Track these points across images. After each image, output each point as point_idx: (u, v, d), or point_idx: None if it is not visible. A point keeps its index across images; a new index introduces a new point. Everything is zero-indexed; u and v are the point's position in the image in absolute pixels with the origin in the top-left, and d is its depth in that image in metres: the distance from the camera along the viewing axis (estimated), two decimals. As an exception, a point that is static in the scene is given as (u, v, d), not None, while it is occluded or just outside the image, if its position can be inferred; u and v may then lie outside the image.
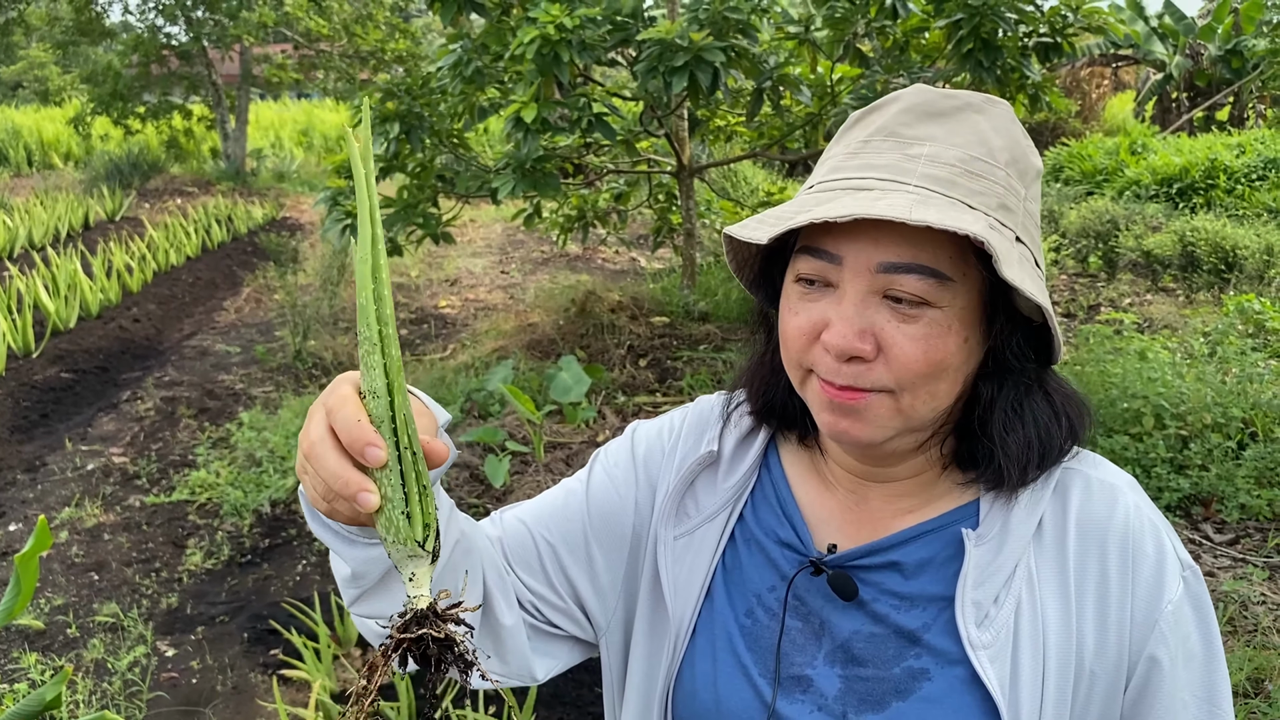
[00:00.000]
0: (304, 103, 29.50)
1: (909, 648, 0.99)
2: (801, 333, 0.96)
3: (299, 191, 17.39)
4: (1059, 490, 1.01)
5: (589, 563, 1.15)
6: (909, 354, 0.91)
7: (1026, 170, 0.98)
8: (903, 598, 1.01)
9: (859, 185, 0.93)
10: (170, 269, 10.88)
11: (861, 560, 1.03)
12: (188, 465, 5.58)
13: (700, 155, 9.33)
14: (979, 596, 0.97)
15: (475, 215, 13.84)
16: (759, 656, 1.05)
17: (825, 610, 1.04)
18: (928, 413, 0.96)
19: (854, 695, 1.00)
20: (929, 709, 0.96)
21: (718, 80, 4.93)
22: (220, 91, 18.37)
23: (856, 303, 0.92)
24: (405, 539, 0.79)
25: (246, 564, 4.53)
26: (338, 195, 5.97)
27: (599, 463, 1.21)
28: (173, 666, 3.73)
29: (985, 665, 0.94)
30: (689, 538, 1.11)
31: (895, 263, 0.91)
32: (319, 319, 8.22)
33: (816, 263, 0.95)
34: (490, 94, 6.15)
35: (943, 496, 1.05)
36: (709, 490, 1.13)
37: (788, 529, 1.08)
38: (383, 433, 0.79)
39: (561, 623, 1.16)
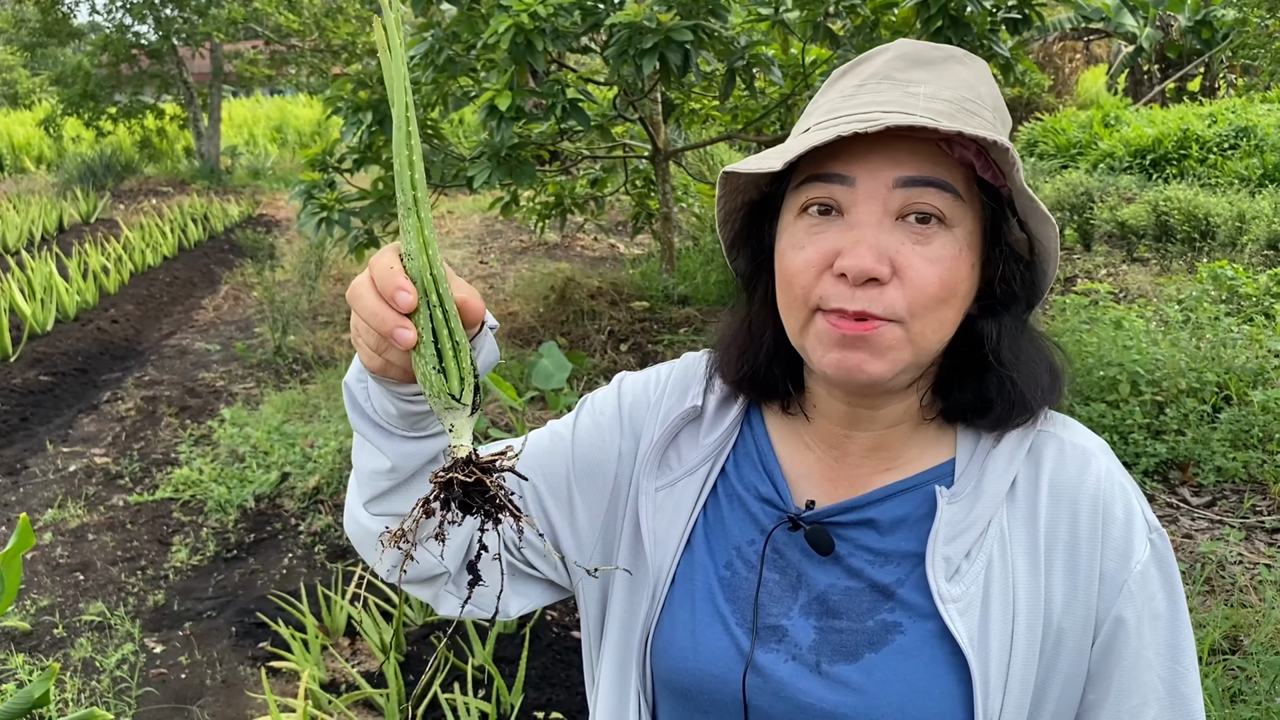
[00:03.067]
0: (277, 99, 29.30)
1: (883, 602, 1.01)
2: (810, 265, 0.96)
3: (275, 188, 17.30)
4: (1033, 452, 1.03)
5: (569, 506, 1.17)
6: (925, 276, 0.92)
7: (1006, 119, 1.02)
8: (878, 553, 1.03)
9: (865, 117, 0.93)
10: (147, 269, 10.82)
11: (838, 517, 1.05)
12: (170, 463, 5.57)
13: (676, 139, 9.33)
14: (950, 552, 0.98)
15: (453, 207, 13.81)
16: (736, 607, 1.07)
17: (802, 564, 1.06)
18: (935, 342, 0.97)
19: (828, 646, 1.02)
20: (900, 660, 0.98)
21: (689, 61, 4.93)
22: (192, 90, 18.24)
23: (873, 224, 0.93)
24: (439, 392, 0.85)
25: (232, 559, 4.53)
26: (312, 189, 5.95)
27: (585, 409, 1.22)
28: (161, 663, 3.74)
29: (955, 618, 0.96)
30: (670, 489, 1.13)
31: (915, 176, 0.92)
32: (298, 314, 8.20)
33: (827, 187, 0.95)
34: (463, 83, 6.13)
35: (920, 454, 1.07)
36: (691, 444, 1.15)
37: (768, 485, 1.10)
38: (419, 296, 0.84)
39: (538, 563, 1.18)
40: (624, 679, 1.14)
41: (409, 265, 0.84)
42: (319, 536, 4.66)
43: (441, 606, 1.15)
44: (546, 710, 3.20)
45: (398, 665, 3.33)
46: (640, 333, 7.41)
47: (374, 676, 3.51)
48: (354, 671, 3.36)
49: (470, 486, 0.84)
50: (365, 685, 3.22)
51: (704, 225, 9.53)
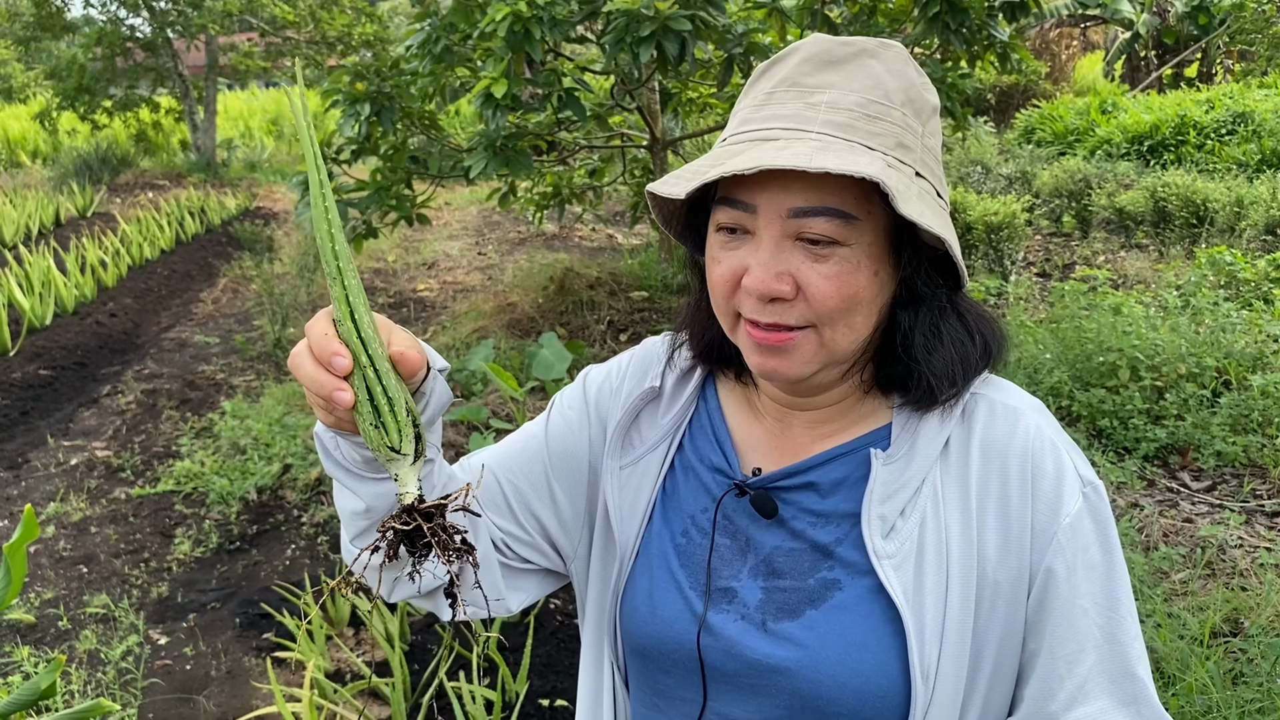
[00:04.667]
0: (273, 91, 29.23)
1: (823, 561, 1.07)
2: (725, 280, 1.03)
3: (271, 181, 17.26)
4: (966, 414, 1.08)
5: (552, 499, 1.24)
6: (824, 291, 0.98)
7: (922, 108, 1.03)
8: (818, 515, 1.09)
9: (765, 136, 1.00)
10: (145, 263, 10.81)
11: (782, 481, 1.11)
12: (172, 456, 5.57)
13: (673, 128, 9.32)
14: (885, 511, 1.04)
15: (450, 198, 13.79)
16: (691, 572, 1.14)
17: (750, 528, 1.12)
18: (848, 345, 1.03)
19: (773, 604, 1.08)
20: (839, 615, 1.04)
21: (685, 50, 4.93)
22: (187, 82, 18.19)
23: (772, 248, 0.99)
24: (380, 446, 0.91)
25: (235, 551, 4.54)
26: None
27: (555, 407, 1.30)
28: (166, 654, 3.75)
29: (889, 574, 1.02)
30: (634, 467, 1.20)
31: (804, 207, 0.97)
32: (297, 306, 8.20)
33: (733, 212, 1.01)
34: (460, 73, 6.12)
35: (860, 421, 1.12)
36: (651, 423, 1.22)
37: (719, 455, 1.17)
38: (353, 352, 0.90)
39: (531, 556, 1.25)
40: (599, 646, 1.22)
41: (340, 330, 0.90)
42: (321, 527, 4.66)
43: (444, 613, 1.20)
44: (551, 697, 3.22)
45: (403, 654, 3.34)
46: (639, 322, 7.41)
47: (379, 666, 3.52)
48: (359, 661, 3.37)
49: (410, 533, 0.90)
50: (370, 674, 3.23)
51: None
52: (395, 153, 6.27)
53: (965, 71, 5.65)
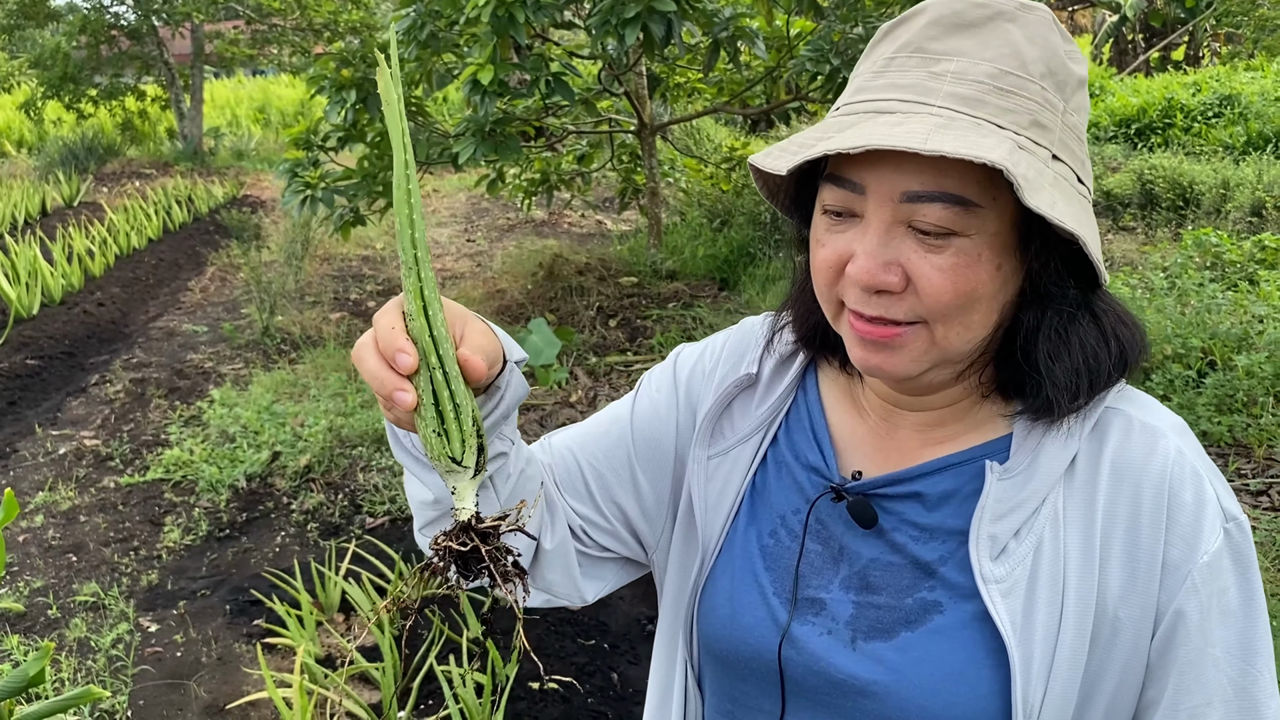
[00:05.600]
0: (259, 79, 29.08)
1: (924, 579, 0.98)
2: (828, 265, 0.94)
3: (259, 169, 17.20)
4: (1098, 429, 0.96)
5: (634, 486, 1.17)
6: (937, 285, 0.88)
7: (1066, 81, 0.91)
8: (922, 529, 1.00)
9: (881, 108, 0.90)
10: (132, 252, 10.76)
11: (884, 489, 1.02)
12: (161, 445, 5.56)
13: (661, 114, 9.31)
14: (997, 530, 0.94)
15: (439, 185, 13.76)
16: (776, 576, 1.05)
17: (845, 536, 1.03)
18: (962, 344, 0.93)
19: (865, 621, 0.99)
20: (936, 641, 0.95)
21: (672, 32, 4.92)
22: (173, 71, 18.09)
23: (881, 234, 0.89)
24: (439, 455, 0.85)
25: (225, 538, 4.54)
26: (296, 167, 5.93)
27: (643, 388, 1.22)
28: (156, 641, 3.75)
29: (996, 600, 0.92)
30: (722, 458, 1.12)
31: (918, 191, 0.87)
32: (285, 294, 8.18)
33: (840, 193, 0.92)
34: (446, 59, 6.10)
35: (977, 428, 1.02)
36: (744, 412, 1.13)
37: (816, 453, 1.08)
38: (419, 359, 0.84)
39: (610, 544, 1.19)
40: (673, 645, 1.15)
41: (410, 325, 0.84)
42: (311, 514, 4.67)
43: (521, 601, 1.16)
44: (542, 681, 3.23)
45: (393, 639, 3.35)
46: (629, 308, 7.42)
47: (369, 651, 3.53)
48: (349, 646, 3.38)
49: (467, 555, 0.84)
50: (361, 659, 3.24)
51: (691, 200, 9.52)
52: (382, 139, 6.26)
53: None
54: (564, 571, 1.14)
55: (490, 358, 0.90)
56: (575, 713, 3.12)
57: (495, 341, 0.92)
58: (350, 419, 5.46)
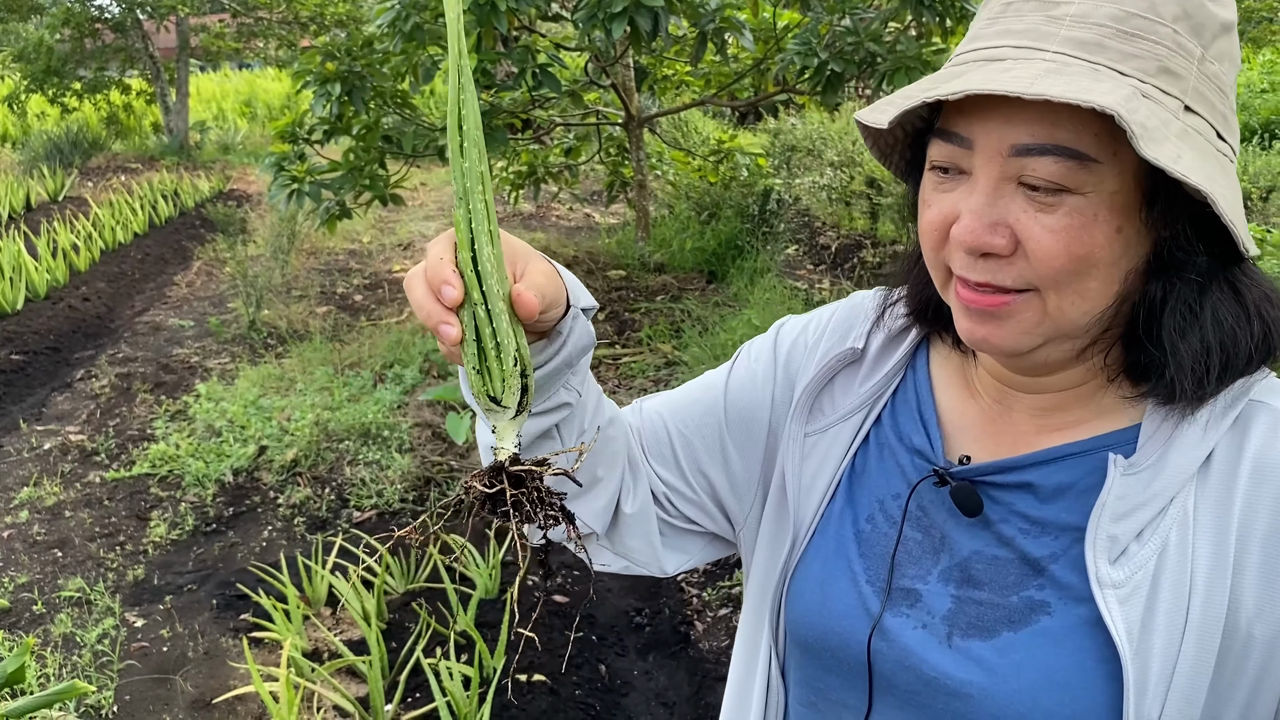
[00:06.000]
0: (245, 73, 28.93)
1: (1032, 577, 0.90)
2: (933, 227, 0.88)
3: (245, 163, 17.11)
4: (1239, 424, 0.87)
5: (723, 458, 1.12)
6: (1048, 248, 0.81)
7: (1204, 24, 0.82)
8: (1033, 522, 0.92)
9: (991, 55, 0.83)
10: (118, 247, 10.69)
11: (992, 476, 0.94)
12: (147, 439, 5.54)
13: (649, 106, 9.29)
14: (1117, 531, 0.85)
15: (426, 179, 13.72)
16: (870, 563, 0.99)
17: (948, 525, 0.96)
18: (1079, 316, 0.85)
19: (964, 618, 0.92)
20: (1041, 645, 0.87)
21: (659, 25, 4.91)
22: (158, 64, 17.98)
23: (988, 192, 0.83)
24: (478, 393, 0.83)
25: (212, 533, 4.53)
26: (282, 161, 5.90)
27: (741, 358, 1.16)
28: (142, 636, 3.74)
29: (1112, 606, 0.84)
30: (820, 436, 1.06)
31: (1028, 144, 0.80)
32: (271, 288, 8.15)
33: (947, 148, 0.86)
34: (432, 51, 6.08)
35: (1101, 416, 0.93)
36: (847, 389, 1.07)
37: (921, 435, 1.01)
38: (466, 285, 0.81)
39: (696, 517, 1.14)
40: (757, 629, 1.10)
41: (459, 257, 0.82)
42: (298, 509, 4.65)
43: (599, 565, 1.13)
44: (529, 674, 3.23)
45: (380, 632, 3.35)
46: (617, 301, 7.41)
47: (356, 644, 3.52)
48: (336, 640, 3.37)
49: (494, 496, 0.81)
50: (347, 653, 3.23)
51: (679, 192, 9.51)
52: (368, 132, 6.23)
53: (940, 47, 5.66)
54: (644, 539, 1.11)
55: (548, 299, 0.85)
56: (563, 705, 3.12)
57: (557, 283, 0.87)
58: (337, 413, 5.45)
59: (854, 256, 8.57)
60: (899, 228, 8.78)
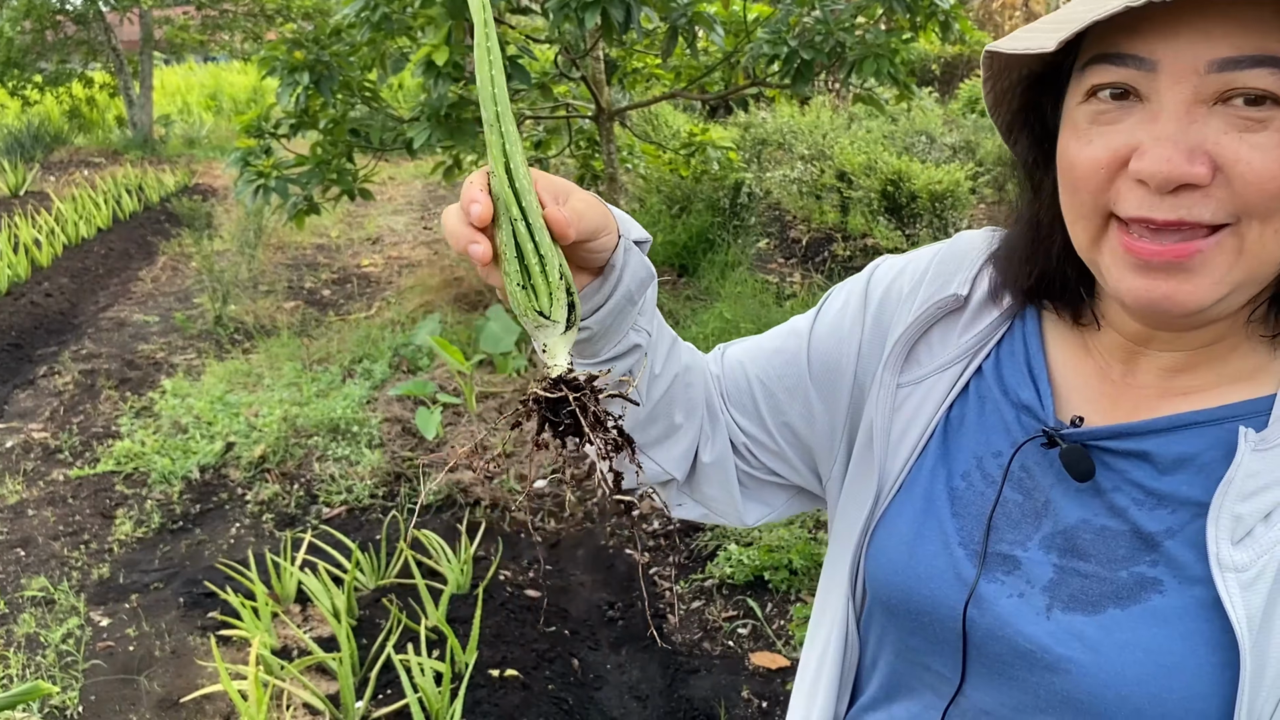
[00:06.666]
0: (211, 66, 28.61)
1: (1144, 552, 0.84)
2: (1099, 166, 0.78)
3: (211, 156, 16.91)
4: None
5: (807, 408, 1.07)
6: (1259, 169, 0.72)
7: None
8: (1150, 493, 0.85)
9: None
10: (81, 242, 10.54)
11: (1107, 441, 0.88)
12: (111, 436, 5.46)
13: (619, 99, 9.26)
14: (1243, 510, 0.79)
15: (395, 173, 13.63)
16: (964, 524, 0.93)
17: (1053, 490, 0.90)
18: (1274, 254, 0.76)
19: (1065, 590, 0.86)
20: (1151, 625, 0.81)
21: (631, 18, 4.88)
22: (121, 57, 17.73)
23: (1180, 115, 0.74)
24: (526, 310, 0.80)
25: (178, 530, 4.47)
26: (248, 155, 5.83)
27: (829, 302, 1.10)
28: (108, 636, 3.68)
29: (1233, 591, 0.78)
30: (915, 387, 1.00)
31: (1233, 57, 0.72)
32: (238, 283, 8.06)
33: (1122, 70, 0.76)
34: (401, 42, 6.02)
35: (1233, 382, 0.86)
36: (946, 339, 1.00)
37: (1030, 390, 0.94)
38: (499, 207, 0.79)
39: (778, 468, 1.10)
40: (837, 578, 1.05)
41: (492, 183, 0.80)
42: (266, 505, 4.60)
43: (675, 511, 1.10)
44: (501, 668, 3.21)
45: (350, 629, 3.31)
46: (587, 295, 7.37)
47: (326, 641, 3.48)
48: (306, 637, 3.33)
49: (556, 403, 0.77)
50: (317, 650, 3.20)
51: (650, 186, 9.48)
52: (336, 125, 6.16)
53: (909, 37, 5.66)
54: (723, 488, 1.07)
55: (589, 225, 0.82)
56: (535, 699, 3.10)
57: (600, 210, 0.84)
58: (305, 408, 5.39)
59: (825, 250, 8.58)
60: (869, 221, 8.81)
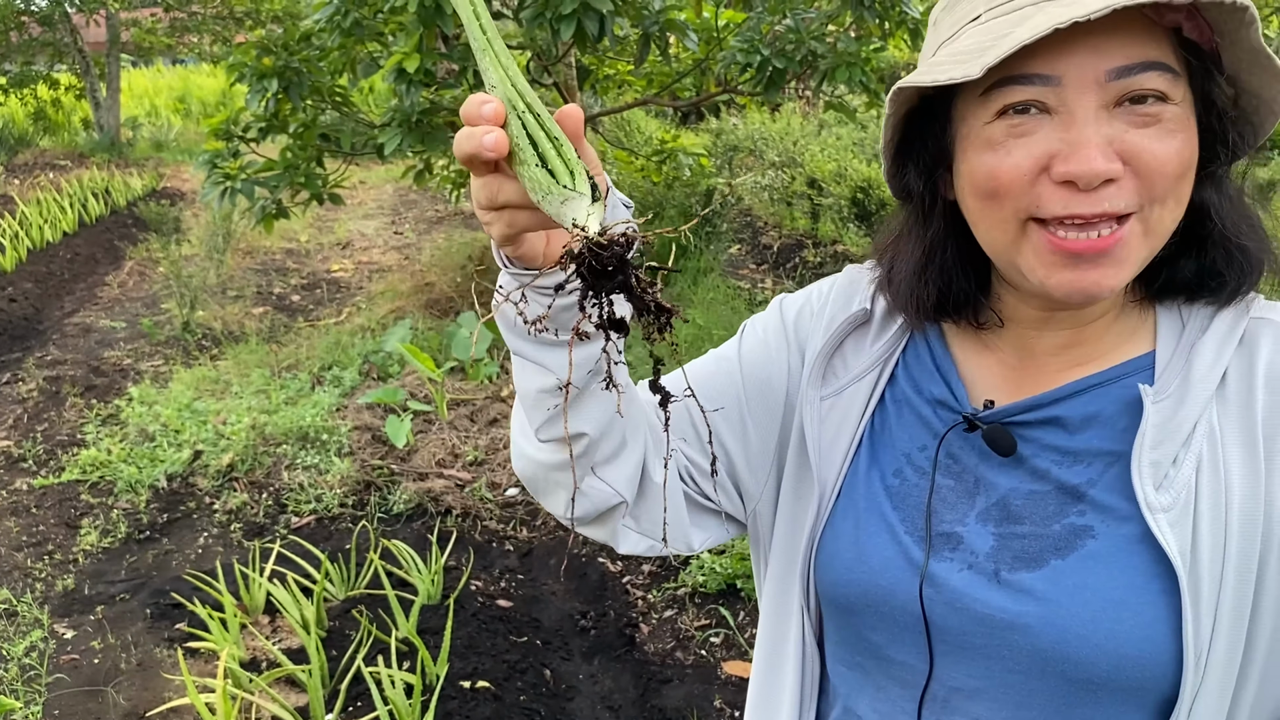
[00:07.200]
0: (179, 69, 28.35)
1: (1071, 504, 0.93)
2: (1023, 172, 0.86)
3: (179, 160, 16.75)
4: (1246, 342, 0.92)
5: (743, 431, 1.12)
6: (1160, 156, 0.84)
7: None
8: (1066, 453, 0.95)
9: None
10: (46, 246, 10.40)
11: (1020, 416, 0.97)
12: (76, 445, 5.39)
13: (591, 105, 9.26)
14: (1157, 457, 0.89)
15: (365, 177, 13.55)
16: (905, 515, 1.01)
17: (980, 468, 0.99)
18: (1171, 225, 0.88)
19: (1008, 552, 0.94)
20: (1092, 566, 0.90)
21: (605, 27, 4.88)
22: (88, 59, 17.52)
23: (1091, 120, 0.84)
24: (549, 188, 0.77)
25: (145, 540, 4.41)
26: (216, 158, 5.77)
27: (748, 331, 1.17)
28: (73, 648, 3.63)
29: (1165, 530, 0.87)
30: (836, 398, 1.08)
31: (1128, 65, 0.83)
32: (206, 289, 7.98)
33: (1031, 89, 0.85)
34: (372, 48, 5.98)
35: (1118, 346, 0.98)
36: (858, 350, 1.09)
37: (942, 386, 1.03)
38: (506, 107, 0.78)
39: (713, 494, 1.14)
40: (786, 598, 1.09)
41: (494, 94, 0.79)
42: (235, 514, 4.55)
43: (621, 544, 1.10)
44: (473, 679, 3.19)
45: (319, 640, 3.28)
46: (559, 301, 7.35)
47: (295, 653, 3.45)
48: (275, 649, 3.30)
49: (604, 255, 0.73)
50: (286, 662, 3.16)
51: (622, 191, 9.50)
52: (305, 130, 6.12)
53: (879, 45, 5.70)
54: (673, 509, 1.10)
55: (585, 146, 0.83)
56: (507, 711, 3.08)
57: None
58: (274, 416, 5.34)
59: (795, 256, 8.61)
60: (839, 228, 8.85)
